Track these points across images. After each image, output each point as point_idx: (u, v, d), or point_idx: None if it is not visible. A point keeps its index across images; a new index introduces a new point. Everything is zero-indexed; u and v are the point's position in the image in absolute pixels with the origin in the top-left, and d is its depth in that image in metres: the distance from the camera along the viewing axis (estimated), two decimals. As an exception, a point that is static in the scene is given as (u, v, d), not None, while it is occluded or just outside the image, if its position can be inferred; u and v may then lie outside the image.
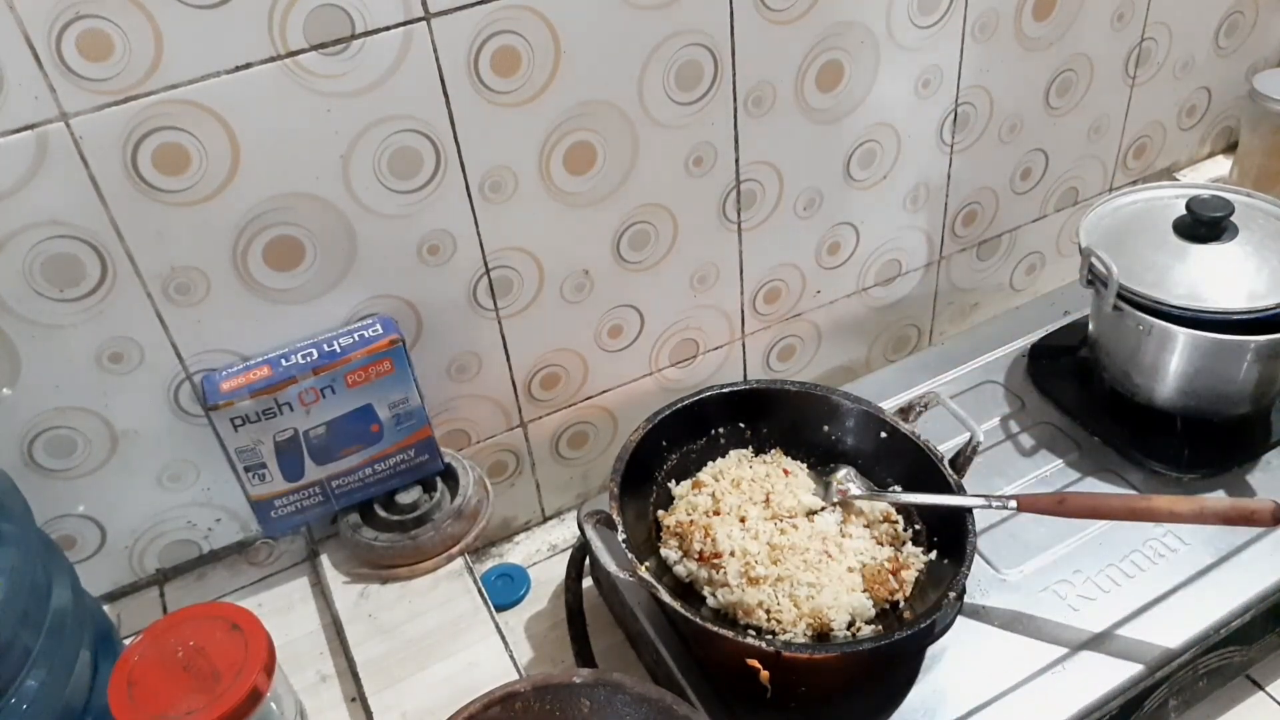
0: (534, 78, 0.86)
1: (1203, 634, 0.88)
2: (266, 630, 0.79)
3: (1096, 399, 1.09)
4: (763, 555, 0.86)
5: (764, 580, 0.84)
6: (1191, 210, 1.02)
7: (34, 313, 0.79)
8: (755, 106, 0.99)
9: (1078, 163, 1.29)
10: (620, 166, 0.95)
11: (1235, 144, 1.42)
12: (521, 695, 0.75)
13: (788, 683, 0.80)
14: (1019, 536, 0.96)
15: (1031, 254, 1.34)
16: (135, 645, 0.78)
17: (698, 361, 1.14)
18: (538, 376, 1.05)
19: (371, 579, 0.96)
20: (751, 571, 0.85)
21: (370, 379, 0.88)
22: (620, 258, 1.01)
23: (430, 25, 0.80)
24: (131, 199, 0.77)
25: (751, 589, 0.84)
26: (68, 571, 0.79)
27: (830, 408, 0.99)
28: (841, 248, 1.15)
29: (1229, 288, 0.99)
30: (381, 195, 0.86)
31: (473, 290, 0.95)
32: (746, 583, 0.85)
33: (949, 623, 0.83)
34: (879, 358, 1.29)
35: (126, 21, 0.71)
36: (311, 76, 0.78)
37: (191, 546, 0.98)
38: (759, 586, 0.84)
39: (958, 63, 1.09)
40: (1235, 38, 1.33)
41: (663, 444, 0.96)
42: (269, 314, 0.87)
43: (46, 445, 0.85)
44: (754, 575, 0.85)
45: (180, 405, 0.89)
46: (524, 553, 1.13)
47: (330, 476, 0.92)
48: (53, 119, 0.72)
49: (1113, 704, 0.84)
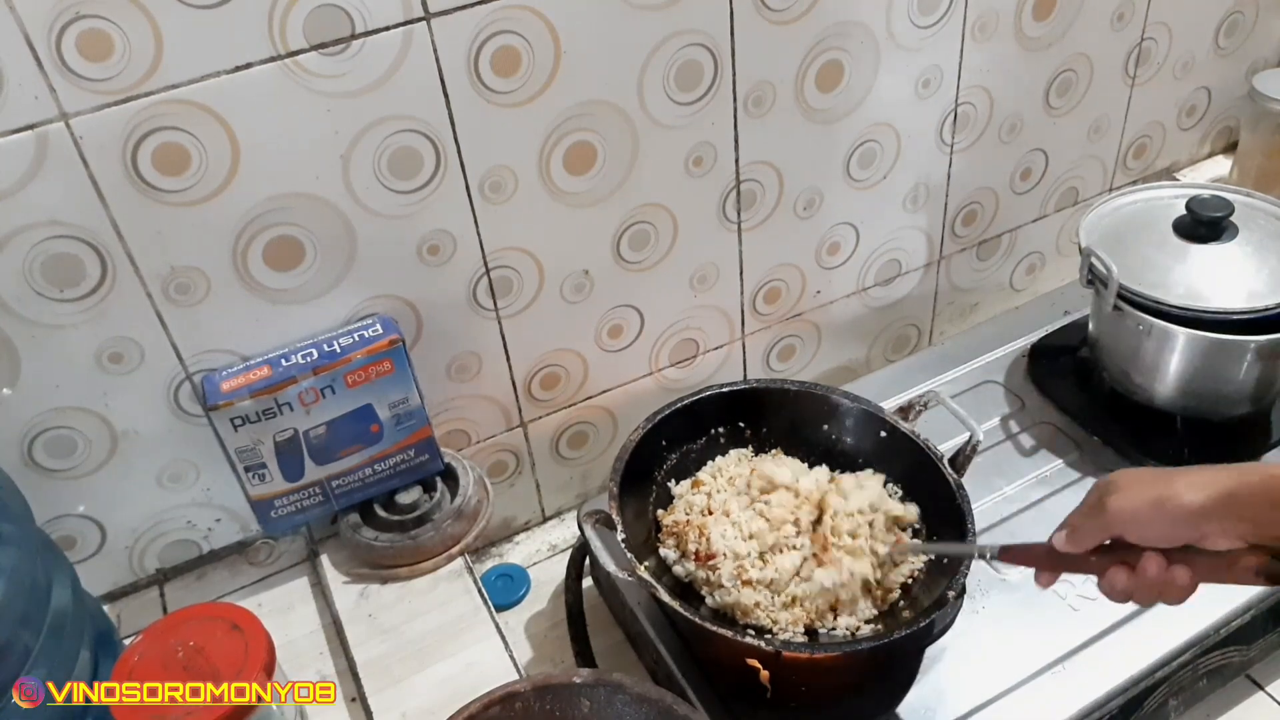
0: (534, 78, 0.86)
1: (1203, 634, 0.88)
2: (266, 630, 0.79)
3: (1096, 399, 1.10)
4: (754, 557, 0.86)
5: (757, 584, 0.84)
6: (1191, 210, 1.02)
7: (34, 313, 0.79)
8: (755, 106, 0.99)
9: (1078, 163, 1.29)
10: (620, 166, 0.95)
11: (1235, 144, 1.42)
12: (521, 695, 0.75)
13: (788, 683, 0.80)
14: (1019, 536, 0.96)
15: (1031, 254, 1.34)
16: (135, 645, 0.78)
17: (698, 361, 1.14)
18: (538, 376, 1.05)
19: (371, 579, 0.96)
20: (744, 574, 0.85)
21: (370, 379, 0.88)
22: (620, 258, 1.01)
23: (430, 25, 0.80)
24: (131, 199, 0.77)
25: (747, 589, 0.84)
26: (68, 571, 0.79)
27: (830, 407, 0.99)
28: (841, 248, 1.15)
29: (1229, 288, 0.99)
30: (381, 195, 0.86)
31: (473, 290, 0.95)
32: (741, 584, 0.85)
33: (949, 623, 0.83)
34: (879, 358, 1.29)
35: (126, 21, 0.71)
36: (311, 76, 0.78)
37: (191, 546, 0.98)
38: (754, 588, 0.84)
39: (958, 63, 1.09)
40: (1235, 38, 1.33)
41: (663, 444, 0.96)
42: (269, 314, 0.87)
43: (46, 445, 0.85)
44: (746, 578, 0.85)
45: (180, 405, 0.89)
46: (524, 553, 1.13)
47: (330, 476, 0.92)
48: (53, 119, 0.72)
49: (1113, 704, 0.84)
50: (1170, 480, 0.62)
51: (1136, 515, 0.62)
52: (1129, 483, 0.64)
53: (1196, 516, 0.60)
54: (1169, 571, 0.62)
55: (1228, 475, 0.61)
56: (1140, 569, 0.63)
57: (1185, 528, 0.61)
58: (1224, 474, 0.61)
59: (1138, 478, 0.64)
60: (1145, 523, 0.62)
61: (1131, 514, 0.62)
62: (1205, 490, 0.60)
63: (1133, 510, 0.62)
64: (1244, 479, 0.60)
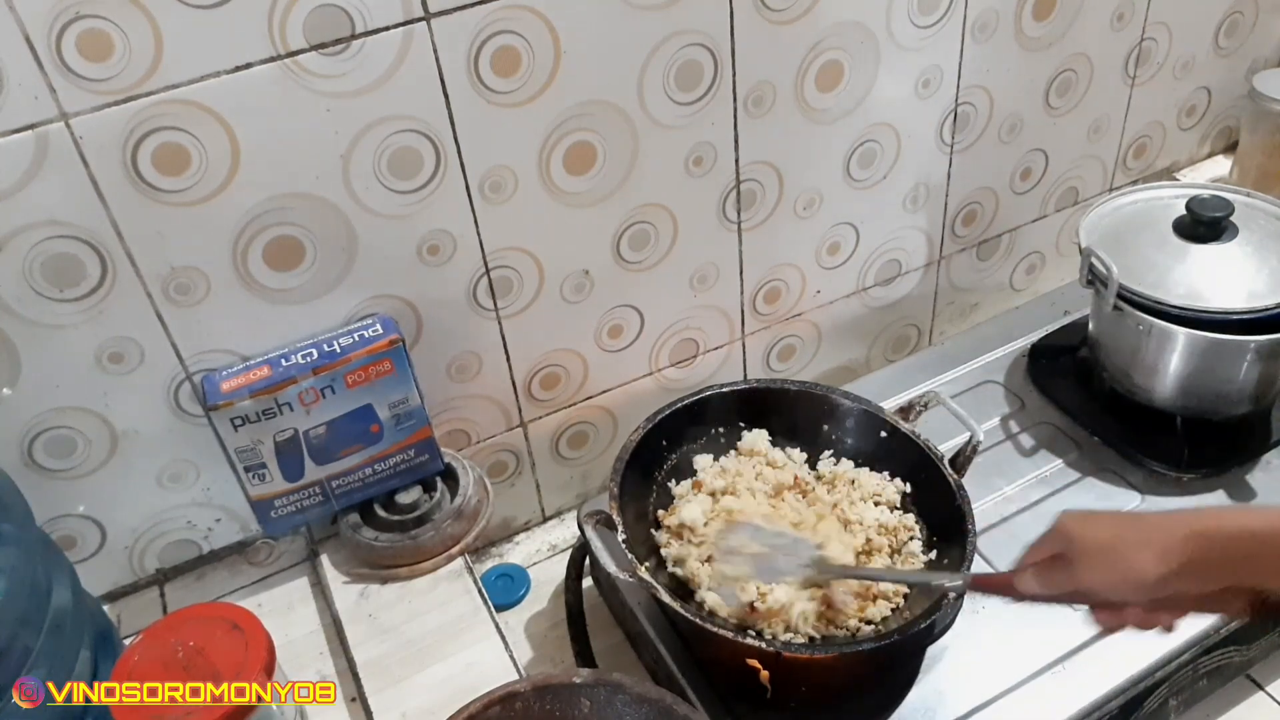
0: (534, 78, 0.86)
1: (1203, 634, 0.88)
2: (266, 630, 0.79)
3: (1096, 399, 1.10)
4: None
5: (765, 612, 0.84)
6: (1191, 210, 1.02)
7: (34, 313, 0.79)
8: (755, 106, 0.99)
9: (1078, 163, 1.29)
10: (620, 166, 0.95)
11: (1235, 144, 1.42)
12: (521, 695, 0.75)
13: (788, 683, 0.80)
14: (1019, 536, 0.96)
15: (1031, 254, 1.34)
16: (135, 645, 0.78)
17: (698, 361, 1.14)
18: (538, 376, 1.05)
19: (371, 579, 0.96)
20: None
21: (370, 379, 0.88)
22: (620, 258, 1.01)
23: (430, 25, 0.80)
24: (131, 199, 0.77)
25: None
26: (68, 571, 0.79)
27: (830, 407, 0.99)
28: (841, 248, 1.15)
29: (1229, 288, 0.99)
30: (381, 195, 0.86)
31: (473, 290, 0.95)
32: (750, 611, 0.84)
33: (949, 623, 0.83)
34: (879, 358, 1.29)
35: (126, 21, 0.71)
36: (311, 76, 0.78)
37: (191, 546, 0.98)
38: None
39: (958, 63, 1.09)
40: (1235, 38, 1.33)
41: (663, 444, 0.96)
42: (269, 314, 0.87)
43: (46, 445, 0.85)
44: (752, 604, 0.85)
45: (180, 405, 0.89)
46: (524, 553, 1.13)
47: (330, 476, 0.92)
48: (53, 119, 0.72)
49: (1113, 704, 0.84)
50: (1128, 554, 0.62)
51: (1106, 587, 0.64)
52: (1088, 552, 0.64)
53: (1163, 584, 0.61)
54: (1153, 615, 0.64)
55: (1184, 541, 0.61)
56: (1124, 614, 0.65)
57: (1156, 592, 0.62)
58: (1180, 539, 0.61)
59: (1097, 548, 0.64)
60: (1117, 593, 0.64)
61: (1102, 586, 0.64)
62: (1165, 562, 0.61)
63: (1102, 583, 0.64)
64: (1201, 543, 0.61)
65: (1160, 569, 0.61)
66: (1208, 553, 0.61)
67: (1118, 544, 0.63)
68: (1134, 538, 0.62)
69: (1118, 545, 0.63)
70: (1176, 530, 0.62)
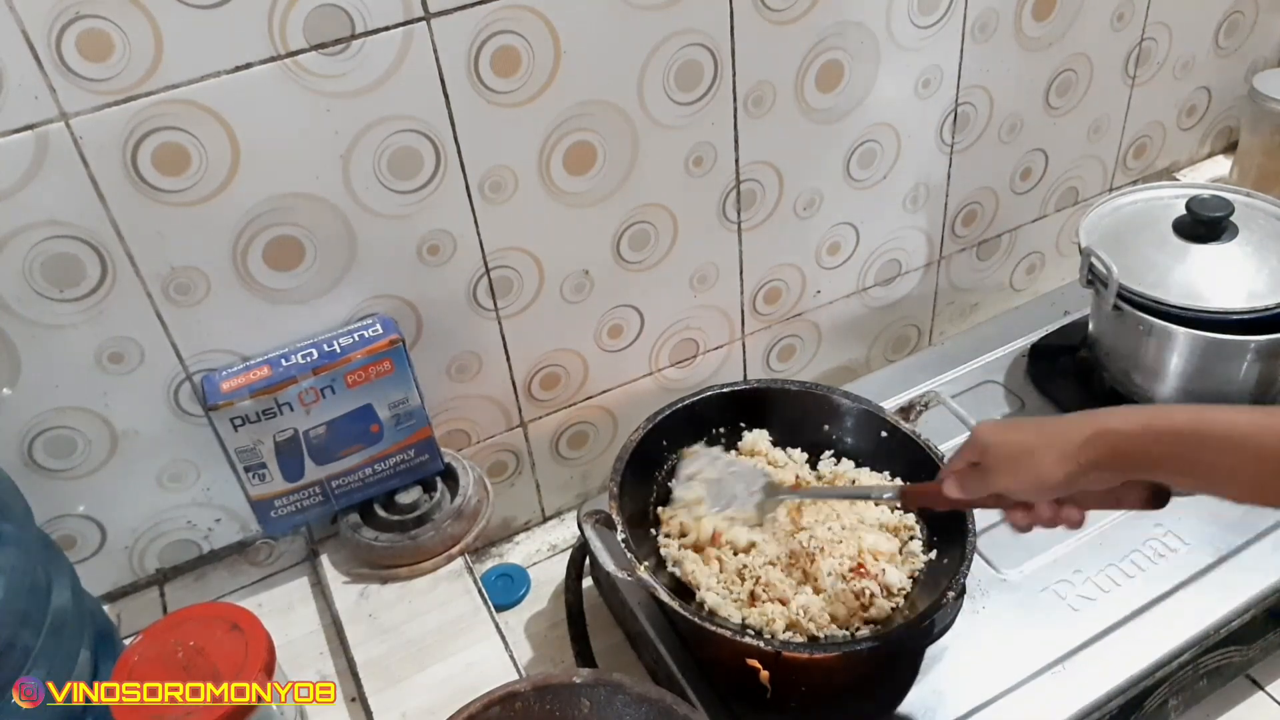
0: (534, 78, 0.86)
1: (1203, 634, 0.88)
2: (266, 630, 0.79)
3: (1096, 399, 1.09)
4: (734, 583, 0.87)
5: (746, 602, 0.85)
6: (1191, 210, 1.02)
7: (34, 313, 0.79)
8: (755, 106, 0.99)
9: (1078, 163, 1.29)
10: (620, 166, 0.95)
11: (1235, 144, 1.42)
12: (521, 695, 0.75)
13: (788, 683, 0.80)
14: (1019, 536, 0.95)
15: (1031, 254, 1.34)
16: (135, 645, 0.78)
17: (698, 361, 1.14)
18: (538, 376, 1.05)
19: (371, 579, 0.96)
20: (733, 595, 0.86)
21: (370, 379, 0.88)
22: (620, 258, 1.01)
23: (430, 25, 0.80)
24: (131, 199, 0.77)
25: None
26: (68, 571, 0.79)
27: (830, 407, 0.99)
28: (841, 248, 1.15)
29: (1229, 288, 0.99)
30: (381, 195, 0.86)
31: (473, 290, 0.95)
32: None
33: (949, 623, 0.83)
34: (879, 358, 1.29)
35: (126, 21, 0.71)
36: (311, 76, 0.78)
37: (191, 546, 0.98)
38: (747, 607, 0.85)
39: (958, 63, 1.09)
40: (1235, 38, 1.33)
41: (663, 444, 0.96)
42: (269, 314, 0.87)
43: (46, 445, 0.85)
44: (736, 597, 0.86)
45: (180, 405, 0.89)
46: (524, 553, 1.13)
47: (330, 476, 0.92)
48: (53, 119, 0.72)
49: (1113, 704, 0.84)
50: (1036, 458, 0.67)
51: (1019, 490, 0.70)
52: (1000, 459, 0.70)
53: (1069, 483, 0.66)
54: (1062, 510, 0.70)
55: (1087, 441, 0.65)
56: (1035, 513, 0.71)
57: (1063, 491, 0.68)
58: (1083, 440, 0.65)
59: (1008, 454, 0.69)
60: (1028, 494, 0.70)
61: (1015, 488, 0.70)
62: (1070, 462, 0.66)
63: (1015, 487, 0.69)
64: (1102, 442, 0.65)
65: (1066, 469, 0.66)
66: (1109, 452, 0.65)
67: (1027, 449, 0.68)
68: (1041, 443, 0.67)
69: (1027, 450, 0.68)
70: (1080, 432, 0.66)
